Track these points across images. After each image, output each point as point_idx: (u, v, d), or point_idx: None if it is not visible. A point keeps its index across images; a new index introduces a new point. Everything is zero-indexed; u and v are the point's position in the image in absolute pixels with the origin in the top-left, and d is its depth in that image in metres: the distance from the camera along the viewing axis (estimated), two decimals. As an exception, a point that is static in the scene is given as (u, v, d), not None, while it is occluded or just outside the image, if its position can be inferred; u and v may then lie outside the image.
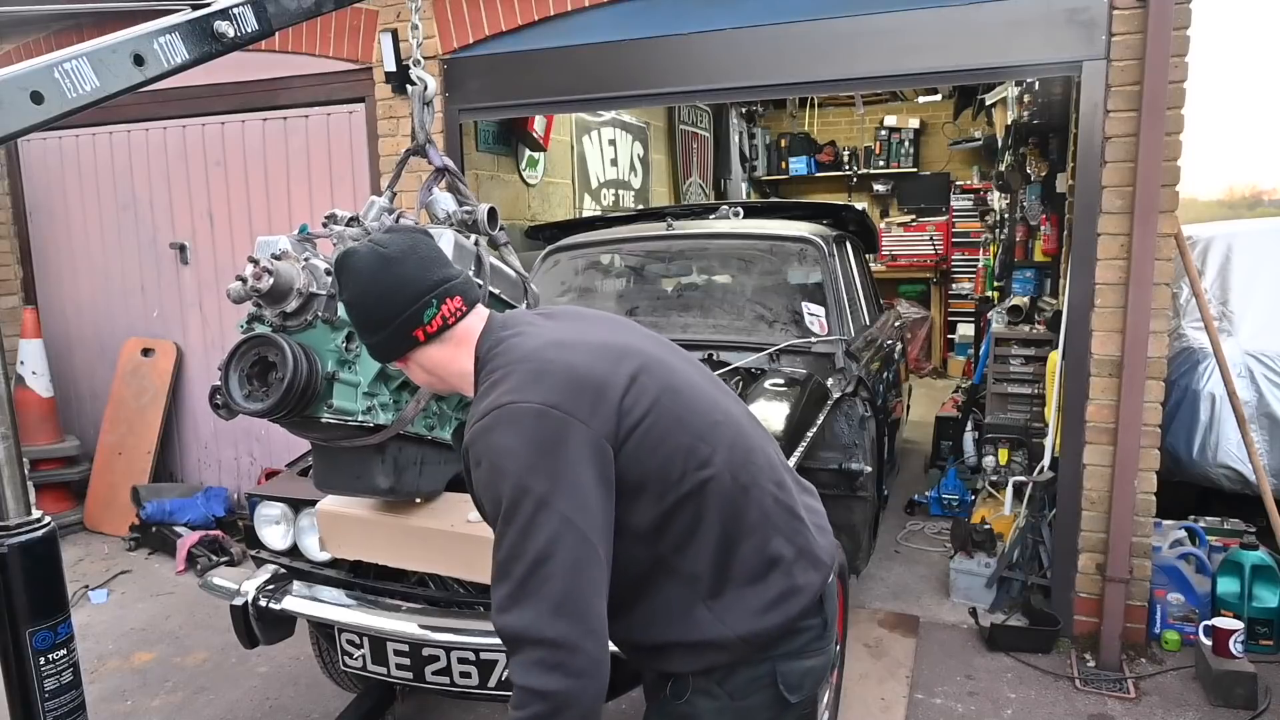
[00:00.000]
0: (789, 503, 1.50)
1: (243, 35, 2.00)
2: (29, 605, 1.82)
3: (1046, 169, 5.53)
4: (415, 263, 1.43)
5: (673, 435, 1.38)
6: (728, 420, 1.48)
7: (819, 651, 1.51)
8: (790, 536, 1.47)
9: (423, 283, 1.42)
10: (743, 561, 1.42)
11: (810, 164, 10.01)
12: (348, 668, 2.54)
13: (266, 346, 1.92)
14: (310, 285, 1.93)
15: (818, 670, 1.53)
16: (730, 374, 3.12)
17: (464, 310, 1.45)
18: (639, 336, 1.54)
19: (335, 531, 2.41)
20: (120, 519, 4.95)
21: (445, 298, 1.43)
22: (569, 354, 1.38)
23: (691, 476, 1.38)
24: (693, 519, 1.39)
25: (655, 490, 1.37)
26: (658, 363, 1.45)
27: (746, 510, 1.43)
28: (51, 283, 5.54)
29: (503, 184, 5.14)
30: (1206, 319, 3.65)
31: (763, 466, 1.49)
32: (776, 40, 3.69)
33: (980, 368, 5.52)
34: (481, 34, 4.14)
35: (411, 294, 1.41)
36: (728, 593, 1.41)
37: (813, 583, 1.47)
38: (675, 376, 1.45)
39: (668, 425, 1.38)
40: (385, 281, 1.41)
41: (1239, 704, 3.02)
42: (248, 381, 1.94)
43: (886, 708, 3.08)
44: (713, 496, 1.39)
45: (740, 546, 1.42)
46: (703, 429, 1.42)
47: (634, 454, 1.34)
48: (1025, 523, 3.81)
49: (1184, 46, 3.15)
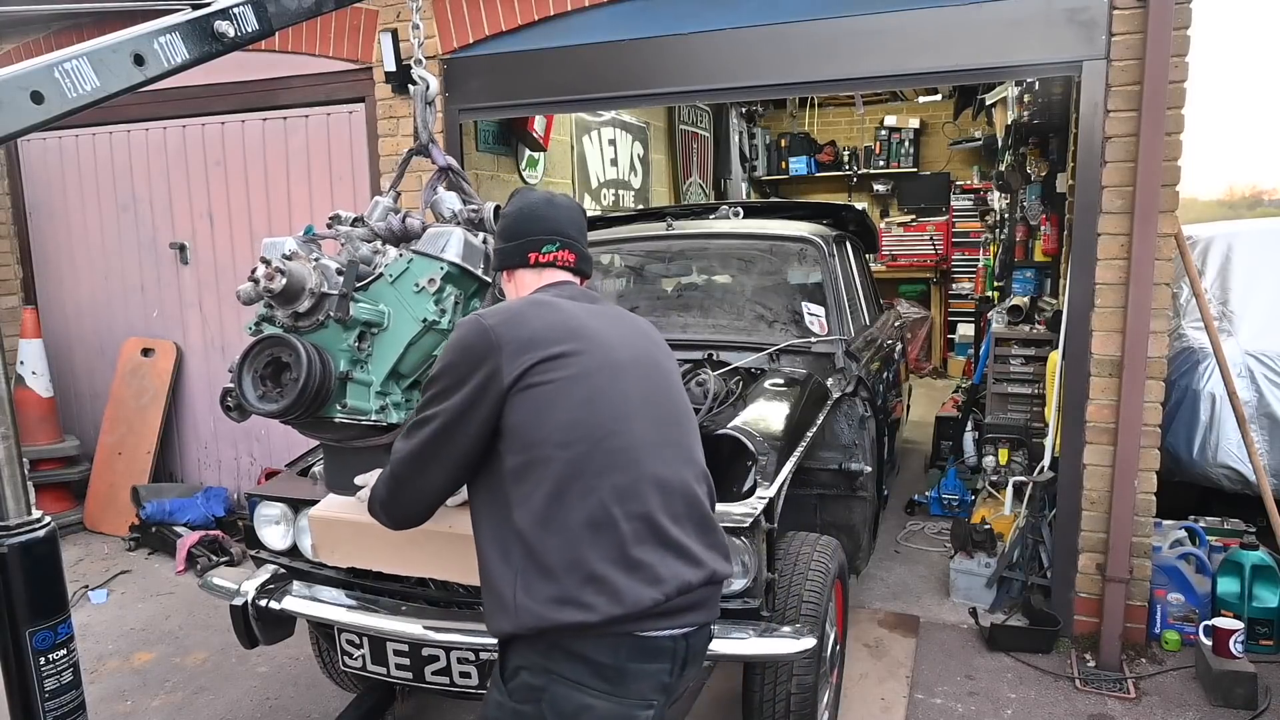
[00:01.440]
0: (638, 538, 1.53)
1: (243, 35, 2.00)
2: (29, 605, 1.81)
3: (1046, 169, 5.53)
4: (566, 216, 1.81)
5: (556, 410, 1.55)
6: (625, 441, 1.58)
7: (602, 696, 1.52)
8: (611, 560, 1.50)
9: (561, 229, 1.79)
10: (550, 549, 1.51)
11: (810, 164, 10.01)
12: (347, 668, 2.54)
13: (280, 347, 1.92)
14: (322, 285, 1.93)
15: (603, 716, 1.52)
16: (730, 374, 3.11)
17: (569, 264, 1.79)
18: (618, 339, 1.68)
19: (328, 538, 2.38)
20: (120, 519, 4.95)
21: (565, 248, 1.78)
22: (535, 311, 1.64)
23: (546, 449, 1.54)
24: (532, 485, 1.54)
25: (520, 440, 1.55)
26: (603, 362, 1.62)
27: (574, 510, 1.52)
28: (51, 283, 5.54)
29: (503, 184, 5.14)
30: (1206, 319, 3.65)
31: (632, 493, 1.55)
32: (776, 40, 3.69)
33: (980, 368, 5.52)
34: (481, 34, 4.14)
35: (549, 229, 1.78)
36: (532, 568, 1.52)
37: (602, 611, 1.48)
38: (607, 380, 1.61)
39: (558, 401, 1.55)
40: (540, 211, 1.80)
41: (1239, 704, 3.02)
42: (261, 382, 1.95)
43: (886, 708, 3.08)
44: (551, 478, 1.53)
45: (551, 536, 1.52)
46: (587, 426, 1.56)
47: (519, 403, 1.56)
48: (1025, 523, 3.81)
49: (1184, 46, 3.15)
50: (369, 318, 1.99)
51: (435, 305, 2.03)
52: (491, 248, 2.03)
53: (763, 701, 2.41)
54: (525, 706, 1.54)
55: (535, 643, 1.53)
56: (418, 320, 2.01)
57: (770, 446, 2.50)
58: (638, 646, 1.54)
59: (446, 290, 2.06)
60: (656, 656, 1.56)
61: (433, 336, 2.05)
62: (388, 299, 2.04)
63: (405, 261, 2.06)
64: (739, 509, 2.25)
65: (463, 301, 2.13)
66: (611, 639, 1.52)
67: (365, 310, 1.99)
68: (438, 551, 2.24)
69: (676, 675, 1.61)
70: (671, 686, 1.62)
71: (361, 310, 1.98)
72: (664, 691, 1.60)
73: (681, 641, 1.59)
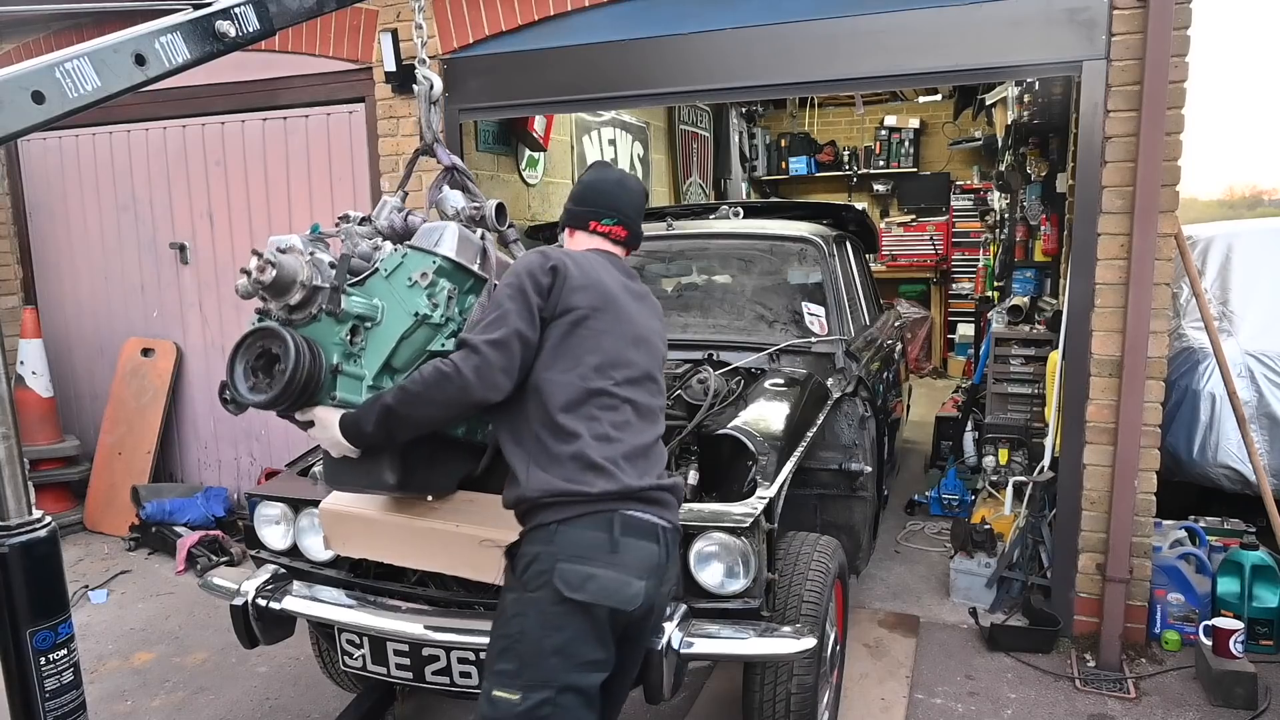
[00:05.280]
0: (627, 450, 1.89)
1: (244, 35, 2.00)
2: (29, 605, 1.82)
3: (1046, 169, 5.53)
4: (628, 199, 2.14)
5: (578, 349, 1.91)
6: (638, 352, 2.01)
7: (608, 566, 1.81)
8: (606, 458, 1.84)
9: (622, 208, 2.13)
10: (559, 446, 1.84)
11: (810, 164, 10.01)
12: (348, 668, 2.53)
13: (270, 338, 1.93)
14: (314, 278, 1.93)
15: (605, 583, 1.79)
16: (730, 374, 3.11)
17: (620, 238, 2.13)
18: (637, 313, 2.05)
19: (339, 530, 2.41)
20: (120, 519, 4.95)
21: (621, 225, 2.12)
22: (589, 264, 2.00)
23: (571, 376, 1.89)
24: (548, 400, 1.87)
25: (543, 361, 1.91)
26: (620, 331, 1.97)
27: (580, 424, 1.86)
28: (51, 283, 5.54)
29: (503, 184, 5.14)
30: (1206, 319, 3.65)
31: (625, 425, 1.91)
32: (776, 40, 3.69)
33: (980, 368, 5.52)
34: (482, 34, 4.14)
35: (611, 205, 2.12)
36: (544, 456, 1.85)
37: (600, 487, 1.81)
38: (618, 344, 1.96)
39: (585, 343, 1.92)
40: (609, 189, 2.14)
41: (1239, 704, 3.02)
42: (252, 374, 1.96)
43: (886, 708, 3.08)
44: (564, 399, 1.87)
45: (561, 441, 1.84)
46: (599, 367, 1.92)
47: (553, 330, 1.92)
48: (1025, 523, 3.82)
49: (1184, 46, 3.15)
50: (362, 311, 1.99)
51: (428, 299, 2.03)
52: (512, 232, 2.42)
53: (763, 702, 2.40)
54: (539, 592, 1.80)
55: (540, 531, 1.83)
56: (410, 314, 2.01)
57: (770, 446, 2.50)
58: (628, 523, 1.84)
59: (440, 284, 2.06)
60: (646, 534, 1.87)
61: (425, 331, 2.05)
62: (382, 293, 2.04)
63: (399, 256, 2.07)
64: (739, 509, 2.25)
65: (457, 296, 2.13)
66: (606, 515, 1.82)
67: (358, 304, 1.99)
68: (447, 547, 2.25)
69: (663, 561, 1.91)
70: (661, 570, 1.90)
71: (354, 304, 1.98)
72: (655, 573, 1.88)
73: (663, 532, 1.90)
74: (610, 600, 1.80)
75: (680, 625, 2.14)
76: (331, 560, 2.60)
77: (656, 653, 2.08)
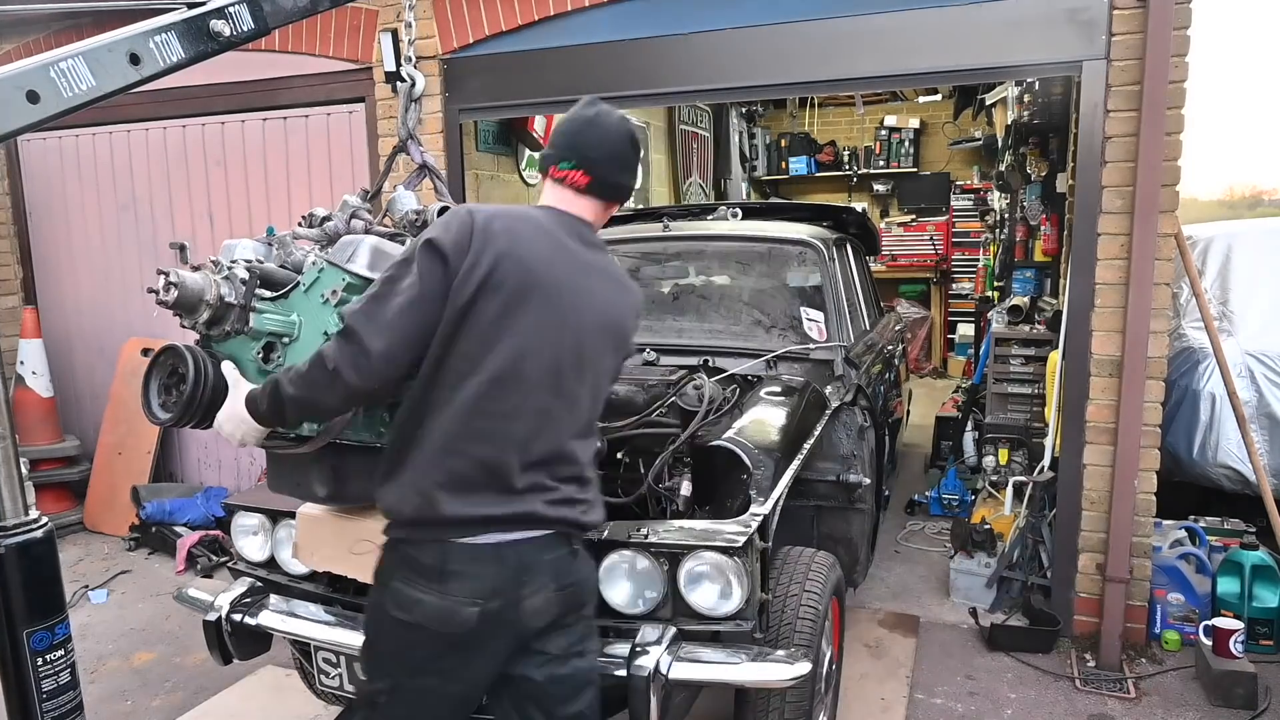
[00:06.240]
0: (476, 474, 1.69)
1: (239, 34, 2.00)
2: (26, 606, 1.82)
3: (1046, 169, 5.53)
4: (598, 139, 1.84)
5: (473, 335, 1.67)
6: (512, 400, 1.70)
7: (430, 592, 1.68)
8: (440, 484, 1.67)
9: (585, 149, 1.83)
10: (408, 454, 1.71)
11: (810, 164, 10.00)
12: (325, 687, 2.40)
13: (177, 358, 1.90)
14: (229, 295, 1.87)
15: (428, 607, 1.68)
16: (726, 380, 2.98)
17: (579, 187, 1.83)
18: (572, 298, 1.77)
19: (311, 538, 2.30)
20: (120, 519, 4.95)
21: (580, 169, 1.82)
22: (521, 228, 1.73)
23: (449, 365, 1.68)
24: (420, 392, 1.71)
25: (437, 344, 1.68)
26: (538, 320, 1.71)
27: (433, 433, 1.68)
28: (51, 283, 5.54)
29: (503, 184, 5.14)
30: (1206, 319, 3.64)
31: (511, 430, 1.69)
32: (776, 40, 3.69)
33: (980, 368, 5.51)
34: (481, 34, 4.14)
35: (572, 144, 1.84)
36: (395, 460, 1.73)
37: (446, 508, 1.66)
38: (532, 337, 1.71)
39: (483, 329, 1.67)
40: (575, 128, 1.86)
41: (1239, 704, 3.02)
42: (165, 391, 1.94)
43: (886, 708, 3.08)
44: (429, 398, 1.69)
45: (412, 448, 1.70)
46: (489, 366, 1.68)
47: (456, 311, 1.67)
48: (1025, 523, 3.81)
49: (1184, 46, 3.15)
50: (275, 329, 1.92)
51: (339, 319, 1.88)
52: None
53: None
54: (380, 600, 1.78)
55: (389, 546, 1.76)
56: (321, 333, 1.91)
57: (766, 459, 2.39)
58: (455, 552, 1.69)
59: (350, 301, 1.91)
60: (477, 560, 1.69)
61: None
62: (301, 308, 1.96)
63: (316, 270, 1.96)
64: (731, 527, 2.14)
65: None
66: (432, 544, 1.69)
67: (270, 321, 1.92)
68: None
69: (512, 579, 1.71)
70: (507, 588, 1.70)
71: (265, 321, 1.91)
72: (495, 595, 1.69)
73: (510, 550, 1.70)
74: (437, 626, 1.70)
75: (669, 649, 2.05)
76: (309, 574, 2.48)
77: (642, 678, 1.98)
